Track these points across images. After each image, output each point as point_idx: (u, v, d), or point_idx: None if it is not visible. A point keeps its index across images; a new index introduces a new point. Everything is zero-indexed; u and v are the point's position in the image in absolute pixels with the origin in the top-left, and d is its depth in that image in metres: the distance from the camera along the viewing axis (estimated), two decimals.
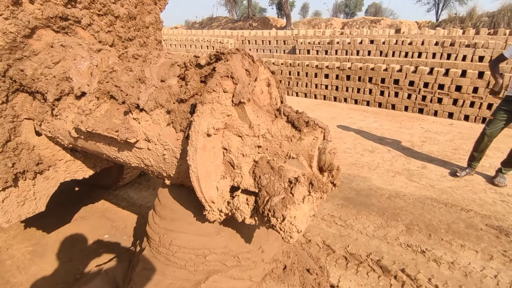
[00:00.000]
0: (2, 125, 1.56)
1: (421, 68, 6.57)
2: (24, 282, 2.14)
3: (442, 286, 2.11)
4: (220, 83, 0.97)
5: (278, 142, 1.04)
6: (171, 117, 1.10)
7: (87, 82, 1.37)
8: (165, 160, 1.15)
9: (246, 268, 1.36)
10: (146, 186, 3.50)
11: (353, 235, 2.66)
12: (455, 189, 3.51)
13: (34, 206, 1.77)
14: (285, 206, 0.93)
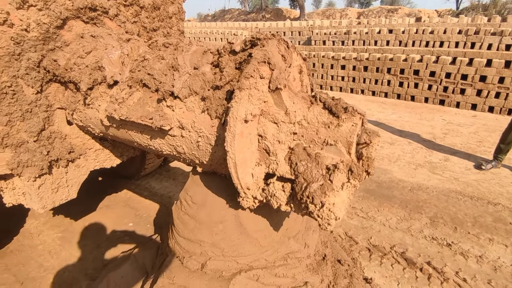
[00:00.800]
0: (37, 114, 1.61)
1: (443, 57, 6.34)
2: (56, 266, 2.23)
3: (470, 279, 2.07)
4: (258, 69, 0.96)
5: (314, 129, 1.03)
6: (206, 104, 1.10)
7: (119, 71, 1.39)
8: (199, 147, 1.16)
9: (292, 266, 1.38)
10: (167, 177, 3.56)
11: (375, 227, 2.63)
12: (481, 182, 3.40)
13: (67, 193, 1.83)
14: (324, 193, 0.92)
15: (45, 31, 1.53)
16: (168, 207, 2.95)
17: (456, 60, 6.21)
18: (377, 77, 7.36)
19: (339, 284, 1.70)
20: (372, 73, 7.41)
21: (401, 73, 6.98)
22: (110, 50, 1.46)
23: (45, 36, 1.55)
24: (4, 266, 2.24)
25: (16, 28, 1.45)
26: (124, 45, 1.50)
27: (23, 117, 1.56)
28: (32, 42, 1.51)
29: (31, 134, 1.60)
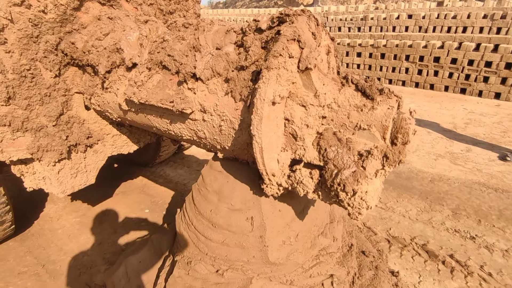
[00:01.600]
0: (55, 99, 1.60)
1: (466, 44, 6.05)
2: (75, 250, 2.26)
3: (496, 274, 1.99)
4: (287, 47, 0.90)
5: (345, 113, 0.96)
6: (229, 86, 1.05)
7: (137, 53, 1.34)
8: (221, 131, 1.11)
9: (325, 264, 1.35)
10: (181, 164, 3.56)
11: (394, 218, 2.55)
12: (506, 174, 3.26)
13: (85, 178, 1.83)
14: (356, 180, 0.87)
15: (62, 12, 1.50)
16: (183, 194, 2.95)
17: (480, 47, 5.92)
18: (394, 65, 7.12)
19: (364, 276, 1.67)
20: (390, 61, 7.16)
21: (420, 60, 6.72)
22: (128, 32, 1.42)
23: (63, 18, 1.51)
24: (26, 248, 2.29)
25: (34, 9, 1.42)
26: (142, 27, 1.45)
27: (42, 101, 1.55)
28: (49, 24, 1.48)
29: (50, 119, 1.59)
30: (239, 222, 1.23)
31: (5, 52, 1.39)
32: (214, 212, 1.29)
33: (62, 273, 2.06)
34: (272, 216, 1.22)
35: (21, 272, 2.08)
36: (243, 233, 1.26)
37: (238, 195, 1.25)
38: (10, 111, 1.46)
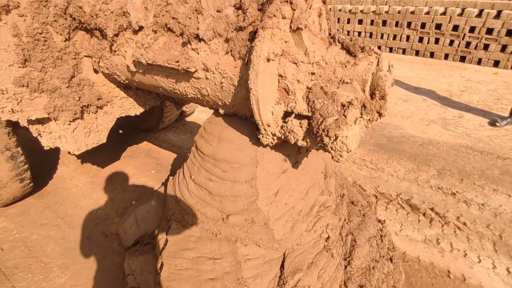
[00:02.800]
0: (67, 62, 1.71)
1: (468, 10, 5.95)
2: (89, 206, 2.48)
3: (470, 223, 2.21)
4: (280, 8, 1.00)
5: (332, 69, 1.09)
6: (229, 46, 1.16)
7: (143, 16, 1.44)
8: (223, 88, 1.25)
9: (324, 217, 1.53)
10: (184, 130, 3.71)
11: (383, 177, 2.76)
12: (493, 138, 3.42)
13: (98, 138, 1.99)
14: (338, 126, 1.02)
15: None
16: (186, 157, 3.13)
17: (483, 13, 5.82)
18: (395, 32, 7.03)
19: (352, 221, 1.88)
20: (391, 28, 7.06)
21: (422, 27, 6.62)
22: None
23: None
24: (45, 205, 2.51)
25: None
26: None
27: (54, 64, 1.66)
28: None
29: (63, 81, 1.71)
30: (240, 159, 1.37)
31: (18, 16, 1.49)
32: (215, 149, 1.42)
33: (79, 225, 2.29)
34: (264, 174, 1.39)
35: (43, 223, 2.31)
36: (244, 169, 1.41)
37: (237, 138, 1.39)
38: (27, 72, 1.58)
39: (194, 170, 1.58)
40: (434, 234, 2.13)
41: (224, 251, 1.50)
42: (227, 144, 1.40)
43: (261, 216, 1.43)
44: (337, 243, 1.72)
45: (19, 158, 2.15)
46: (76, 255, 2.01)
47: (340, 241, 1.77)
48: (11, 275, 1.88)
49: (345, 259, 1.72)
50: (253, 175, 1.37)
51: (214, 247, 1.53)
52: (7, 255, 2.03)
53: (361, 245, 1.76)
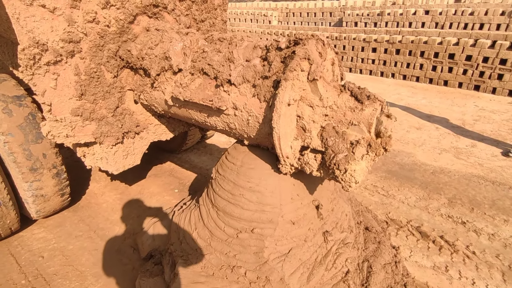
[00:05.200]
0: (113, 95, 2.00)
1: (481, 41, 6.11)
2: (119, 220, 2.71)
3: (479, 253, 2.28)
4: (299, 64, 1.23)
5: (342, 112, 1.29)
6: (256, 90, 1.39)
7: (182, 60, 1.71)
8: (249, 124, 1.47)
9: (344, 254, 1.71)
10: (204, 152, 3.96)
11: (394, 204, 2.86)
12: (506, 168, 3.48)
13: (133, 160, 2.24)
14: (347, 161, 1.20)
15: (121, 26, 1.88)
16: (207, 178, 3.35)
17: (496, 44, 5.97)
18: (409, 61, 7.23)
19: (368, 248, 2.01)
20: (404, 56, 7.27)
21: (435, 56, 6.81)
22: (174, 43, 1.78)
23: (121, 30, 1.90)
24: (79, 218, 2.75)
25: (101, 24, 1.80)
26: (184, 38, 1.81)
27: (104, 96, 1.95)
28: (112, 36, 1.87)
29: (109, 110, 1.99)
30: (262, 184, 1.57)
31: (80, 59, 1.79)
32: (237, 174, 1.62)
33: (110, 237, 2.51)
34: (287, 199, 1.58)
35: (78, 235, 2.55)
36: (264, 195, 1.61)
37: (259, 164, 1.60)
38: (82, 104, 1.87)
39: (209, 201, 1.79)
40: (443, 261, 2.21)
41: (238, 285, 1.65)
42: (248, 169, 1.60)
43: (276, 274, 1.59)
44: (354, 273, 1.84)
45: (62, 175, 2.42)
46: (108, 265, 2.22)
47: (357, 270, 1.89)
48: (51, 281, 2.09)
49: (362, 285, 1.83)
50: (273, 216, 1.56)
51: (227, 284, 1.68)
52: (47, 263, 2.25)
53: (377, 271, 1.87)
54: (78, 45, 1.75)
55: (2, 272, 2.17)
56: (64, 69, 1.74)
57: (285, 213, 1.62)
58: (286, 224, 1.64)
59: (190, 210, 2.11)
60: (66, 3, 1.64)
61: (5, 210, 2.21)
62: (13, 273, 2.17)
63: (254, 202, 1.59)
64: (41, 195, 2.35)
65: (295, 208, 1.65)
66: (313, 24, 10.06)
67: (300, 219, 1.68)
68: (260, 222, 1.63)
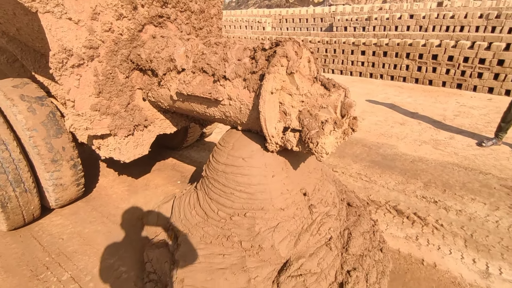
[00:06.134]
0: (125, 93, 2.32)
1: (462, 42, 6.52)
2: (128, 207, 3.01)
3: (447, 225, 2.60)
4: (279, 60, 1.56)
5: (315, 98, 1.62)
6: (246, 83, 1.72)
7: (185, 62, 2.04)
8: (241, 111, 1.79)
9: (327, 223, 2.03)
10: (203, 148, 4.28)
11: (375, 188, 3.19)
12: (478, 156, 3.82)
13: (142, 150, 2.56)
14: (318, 136, 1.53)
15: (132, 34, 2.22)
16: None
17: (475, 45, 6.38)
18: (396, 62, 7.63)
19: (349, 220, 2.32)
20: (391, 58, 7.67)
21: (419, 58, 7.21)
22: (178, 47, 2.11)
23: (132, 38, 2.23)
24: (91, 207, 3.05)
25: (115, 33, 2.14)
26: (186, 43, 2.15)
27: (117, 94, 2.28)
28: (124, 42, 2.20)
29: (122, 106, 2.32)
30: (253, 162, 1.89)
31: (98, 62, 2.12)
32: (227, 161, 1.94)
33: (121, 222, 2.81)
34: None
35: (92, 221, 2.84)
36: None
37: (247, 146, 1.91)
38: (99, 101, 2.19)
39: (203, 189, 2.12)
40: (414, 232, 2.53)
41: (233, 251, 1.96)
42: (236, 159, 1.93)
43: (267, 242, 1.90)
44: (336, 239, 2.16)
45: (78, 166, 2.73)
46: (120, 244, 2.51)
47: (339, 237, 2.21)
48: (72, 257, 2.39)
49: (343, 247, 2.14)
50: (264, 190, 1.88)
51: (223, 249, 1.99)
52: (67, 243, 2.55)
53: (356, 237, 2.18)
54: (97, 51, 2.08)
55: (28, 251, 2.46)
56: (85, 71, 2.06)
57: (275, 203, 1.93)
58: (277, 210, 1.95)
59: (189, 193, 2.43)
60: (88, 16, 1.97)
61: (30, 196, 2.51)
62: (37, 252, 2.46)
63: (246, 193, 1.91)
64: (60, 184, 2.65)
65: (285, 198, 1.97)
66: (305, 30, 10.49)
67: (289, 205, 1.99)
68: (252, 210, 1.94)
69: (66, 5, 1.85)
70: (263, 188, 1.90)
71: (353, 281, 1.90)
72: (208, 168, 2.17)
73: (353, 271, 1.96)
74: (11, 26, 2.22)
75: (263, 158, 1.86)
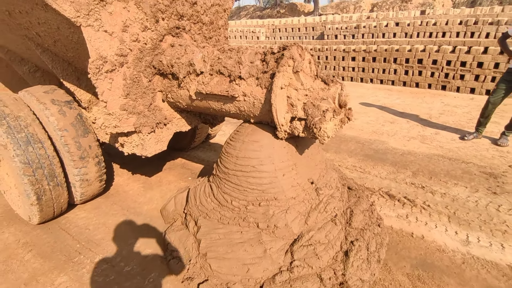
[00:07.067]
0: (148, 95, 2.64)
1: (444, 47, 7.02)
2: (145, 201, 3.29)
3: (433, 205, 2.95)
4: (287, 61, 1.91)
5: (316, 92, 1.96)
6: (258, 81, 2.06)
7: (202, 66, 2.37)
8: (254, 105, 2.12)
9: (332, 203, 2.34)
10: (209, 149, 4.59)
11: (369, 178, 3.54)
12: (461, 148, 4.22)
13: (161, 146, 2.86)
14: (321, 122, 1.86)
15: (154, 43, 2.55)
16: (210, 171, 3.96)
17: (456, 49, 6.88)
18: (384, 67, 8.10)
19: (350, 201, 2.65)
20: (380, 63, 8.15)
21: (406, 62, 7.69)
22: (195, 54, 2.45)
23: (154, 46, 2.57)
24: (112, 202, 3.32)
25: (141, 42, 2.47)
26: (202, 50, 2.48)
27: (142, 96, 2.59)
28: (148, 51, 2.53)
29: (145, 106, 2.63)
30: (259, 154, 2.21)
31: (126, 68, 2.44)
32: (242, 146, 2.25)
33: (140, 214, 3.08)
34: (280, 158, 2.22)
35: (113, 214, 3.11)
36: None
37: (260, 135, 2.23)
38: (127, 101, 2.51)
39: (216, 183, 2.43)
40: (404, 212, 2.87)
41: (249, 229, 2.26)
42: (252, 142, 2.24)
43: (281, 221, 2.21)
44: (340, 216, 2.47)
45: (102, 163, 3.01)
46: (144, 231, 2.79)
47: (342, 214, 2.52)
48: (100, 243, 2.65)
49: (347, 222, 2.45)
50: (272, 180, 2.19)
51: (240, 228, 2.29)
52: (94, 232, 2.81)
53: (357, 214, 2.49)
54: (126, 58, 2.40)
55: (59, 240, 2.72)
56: (116, 75, 2.38)
57: (287, 194, 2.24)
58: (288, 199, 2.26)
59: (204, 184, 2.72)
60: (120, 28, 2.30)
61: (61, 190, 2.78)
62: (68, 241, 2.72)
63: (259, 190, 2.23)
64: (86, 179, 2.93)
65: (295, 189, 2.27)
66: (297, 38, 10.98)
67: (299, 193, 2.31)
68: (265, 200, 2.25)
69: (103, 20, 2.18)
70: (275, 184, 2.21)
71: (356, 249, 2.21)
72: (219, 164, 2.47)
73: (355, 241, 2.27)
74: (49, 39, 2.53)
75: (273, 150, 2.18)
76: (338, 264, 2.19)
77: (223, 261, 2.18)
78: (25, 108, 2.69)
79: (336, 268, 2.18)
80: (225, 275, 2.14)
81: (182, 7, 2.65)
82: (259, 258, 2.15)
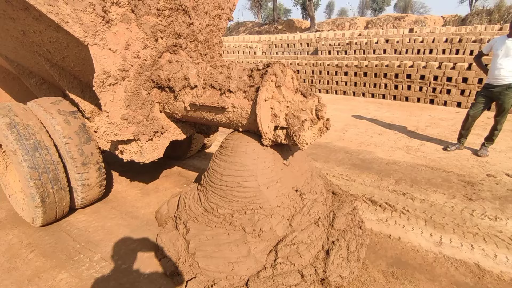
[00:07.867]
0: (147, 106, 2.88)
1: (431, 63, 7.36)
2: (143, 206, 3.48)
3: (412, 210, 3.15)
4: (270, 77, 2.16)
5: (296, 104, 2.20)
6: (245, 94, 2.30)
7: (196, 80, 2.63)
8: (242, 116, 2.36)
9: (315, 207, 2.54)
10: (205, 158, 4.81)
11: (354, 185, 3.75)
12: (443, 158, 4.45)
13: (158, 153, 3.08)
14: (300, 131, 2.10)
15: (153, 60, 2.82)
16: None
17: (442, 65, 7.22)
18: (375, 81, 8.44)
19: (333, 205, 2.85)
20: (371, 78, 8.48)
21: (395, 77, 8.03)
22: (190, 69, 2.71)
23: (153, 62, 2.83)
24: (110, 206, 3.51)
25: (141, 59, 2.73)
26: (197, 66, 2.75)
27: (141, 107, 2.84)
28: (147, 66, 2.79)
29: (144, 116, 2.87)
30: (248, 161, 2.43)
31: (128, 81, 2.69)
32: (226, 165, 2.48)
33: (137, 217, 3.27)
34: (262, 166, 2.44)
35: (112, 217, 3.29)
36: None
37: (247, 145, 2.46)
38: (127, 112, 2.75)
39: (204, 191, 2.65)
40: (384, 216, 3.07)
41: (235, 232, 2.45)
42: (234, 163, 2.46)
43: (267, 225, 2.41)
44: (323, 219, 2.67)
45: (102, 169, 3.22)
46: (140, 233, 2.97)
47: (325, 217, 2.72)
48: (100, 244, 2.83)
49: (329, 224, 2.64)
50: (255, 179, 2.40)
51: (227, 230, 2.48)
52: (93, 234, 2.99)
53: (340, 217, 2.68)
54: (127, 73, 2.66)
55: (60, 241, 2.90)
56: (118, 88, 2.63)
57: (272, 203, 2.45)
58: (273, 207, 2.47)
59: (193, 190, 2.92)
60: (122, 47, 2.57)
61: (63, 194, 2.98)
62: (68, 242, 2.90)
63: (244, 199, 2.44)
64: (87, 184, 3.13)
65: (280, 199, 2.48)
66: (293, 54, 11.39)
67: (284, 201, 2.52)
68: (250, 209, 2.45)
69: (108, 39, 2.45)
70: (260, 196, 2.41)
71: (337, 248, 2.40)
72: (206, 177, 2.68)
73: (336, 241, 2.46)
74: (59, 55, 2.80)
75: (256, 169, 2.38)
76: (319, 262, 2.38)
77: (210, 259, 2.36)
78: (34, 118, 2.92)
79: (317, 265, 2.36)
80: (212, 273, 2.31)
81: (180, 27, 2.93)
82: (243, 257, 2.34)
